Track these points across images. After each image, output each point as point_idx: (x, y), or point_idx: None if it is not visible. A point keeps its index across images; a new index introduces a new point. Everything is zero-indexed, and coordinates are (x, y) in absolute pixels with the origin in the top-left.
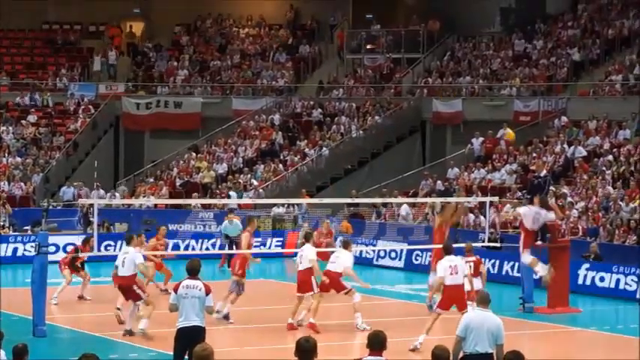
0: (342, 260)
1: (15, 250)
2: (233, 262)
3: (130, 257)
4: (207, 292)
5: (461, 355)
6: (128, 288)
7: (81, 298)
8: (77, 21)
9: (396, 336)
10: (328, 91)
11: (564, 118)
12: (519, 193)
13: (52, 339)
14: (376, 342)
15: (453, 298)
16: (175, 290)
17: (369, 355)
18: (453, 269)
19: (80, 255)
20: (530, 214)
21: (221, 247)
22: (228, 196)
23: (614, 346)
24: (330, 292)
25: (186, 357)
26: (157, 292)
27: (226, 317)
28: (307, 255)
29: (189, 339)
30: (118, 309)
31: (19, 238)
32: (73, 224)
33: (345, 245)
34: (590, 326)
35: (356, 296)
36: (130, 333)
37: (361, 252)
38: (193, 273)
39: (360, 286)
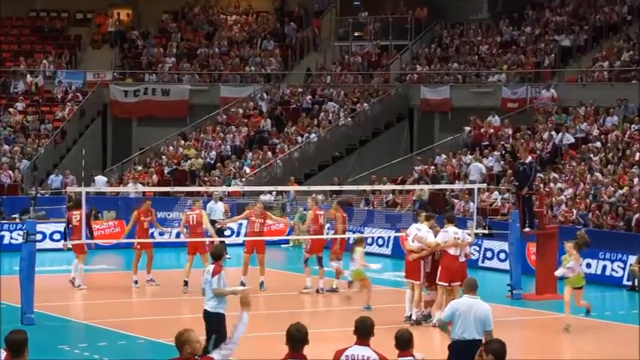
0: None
1: (1, 238)
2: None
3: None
4: (213, 274)
5: (449, 342)
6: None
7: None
8: (64, 8)
9: (385, 323)
10: (316, 78)
11: (552, 90)
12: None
13: (40, 327)
14: (363, 329)
15: (456, 270)
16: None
17: (356, 343)
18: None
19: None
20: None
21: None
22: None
23: (602, 332)
24: None
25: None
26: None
27: None
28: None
29: (206, 322)
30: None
31: (6, 226)
32: (61, 212)
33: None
34: (577, 313)
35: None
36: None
37: (349, 239)
38: (214, 258)
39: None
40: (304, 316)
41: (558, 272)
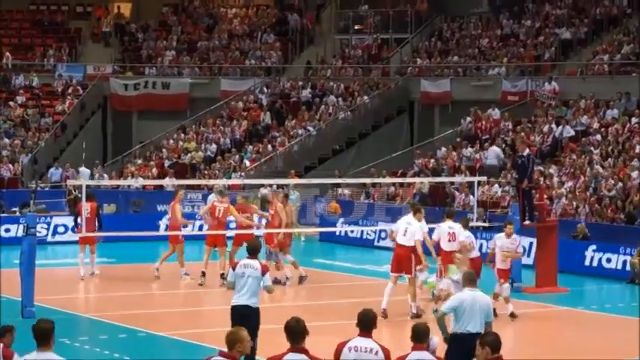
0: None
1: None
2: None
3: (411, 228)
4: (264, 272)
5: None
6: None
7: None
8: (64, 2)
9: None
10: (316, 71)
11: (554, 84)
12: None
13: None
14: (366, 321)
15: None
16: (233, 268)
17: (359, 335)
18: (452, 236)
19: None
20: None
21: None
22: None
23: (602, 324)
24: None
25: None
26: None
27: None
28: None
29: (241, 318)
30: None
31: (6, 219)
32: (61, 205)
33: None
34: (577, 305)
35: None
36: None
37: (346, 232)
38: (252, 253)
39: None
40: (299, 310)
41: (442, 284)
